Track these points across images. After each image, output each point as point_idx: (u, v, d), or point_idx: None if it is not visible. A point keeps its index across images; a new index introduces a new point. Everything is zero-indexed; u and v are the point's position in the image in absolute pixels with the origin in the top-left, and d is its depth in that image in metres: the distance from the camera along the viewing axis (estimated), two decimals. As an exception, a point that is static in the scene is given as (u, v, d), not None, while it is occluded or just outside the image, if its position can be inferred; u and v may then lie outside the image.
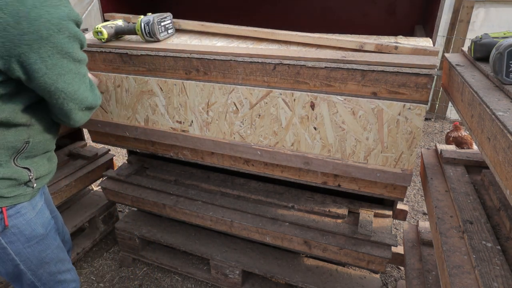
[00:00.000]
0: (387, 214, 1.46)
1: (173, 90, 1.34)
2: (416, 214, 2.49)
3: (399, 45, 1.13)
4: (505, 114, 0.72)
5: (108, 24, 1.38)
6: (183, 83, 1.31)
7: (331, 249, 1.39)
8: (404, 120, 1.08)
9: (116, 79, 1.42)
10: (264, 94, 1.20)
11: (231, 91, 1.25)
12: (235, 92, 1.24)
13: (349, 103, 1.12)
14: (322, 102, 1.14)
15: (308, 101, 1.16)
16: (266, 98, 1.21)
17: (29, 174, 1.02)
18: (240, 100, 1.25)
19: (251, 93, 1.22)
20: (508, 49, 0.79)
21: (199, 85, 1.29)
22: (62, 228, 1.39)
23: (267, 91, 1.20)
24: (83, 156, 2.00)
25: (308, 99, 1.15)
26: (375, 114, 1.10)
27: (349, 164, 1.19)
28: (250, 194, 1.61)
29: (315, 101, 1.15)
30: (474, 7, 3.51)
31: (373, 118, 1.11)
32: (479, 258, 0.84)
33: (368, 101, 1.10)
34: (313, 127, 1.19)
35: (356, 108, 1.12)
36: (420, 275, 1.29)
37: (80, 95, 0.96)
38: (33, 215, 1.06)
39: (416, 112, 1.06)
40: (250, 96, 1.23)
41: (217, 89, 1.27)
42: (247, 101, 1.24)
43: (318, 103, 1.15)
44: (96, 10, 4.88)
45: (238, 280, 1.68)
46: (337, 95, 1.12)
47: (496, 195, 1.05)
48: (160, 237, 1.81)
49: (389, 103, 1.08)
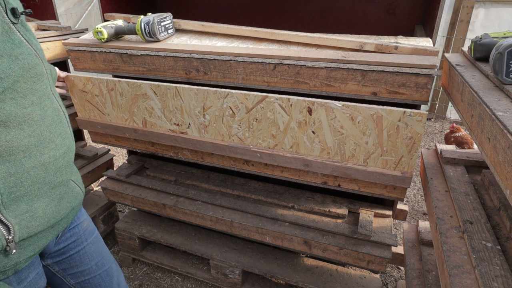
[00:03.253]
0: (387, 214, 1.46)
1: (167, 94, 1.31)
2: (416, 214, 2.49)
3: (399, 45, 1.13)
4: (505, 114, 0.72)
5: (108, 24, 1.38)
6: (177, 87, 1.28)
7: (331, 249, 1.39)
8: (404, 126, 1.07)
9: (108, 83, 1.39)
10: (260, 99, 1.18)
11: (226, 95, 1.22)
12: (230, 97, 1.22)
13: (347, 109, 1.10)
14: (319, 108, 1.13)
15: (305, 106, 1.14)
16: (262, 103, 1.19)
17: (7, 235, 0.68)
18: (236, 105, 1.23)
19: (247, 98, 1.20)
20: (508, 49, 0.79)
21: (193, 90, 1.26)
22: (118, 283, 1.04)
23: (262, 96, 1.17)
24: (83, 156, 2.00)
25: (305, 104, 1.13)
26: (374, 120, 1.09)
27: (348, 167, 1.19)
28: (250, 194, 1.61)
29: (313, 106, 1.14)
30: (474, 7, 3.51)
31: (372, 124, 1.10)
32: (479, 258, 0.84)
33: (367, 108, 1.08)
34: (312, 131, 1.18)
35: (354, 114, 1.10)
36: (420, 275, 1.29)
37: None
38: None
39: (417, 119, 1.05)
40: (246, 100, 1.21)
41: (211, 94, 1.24)
42: (243, 105, 1.22)
43: (316, 108, 1.13)
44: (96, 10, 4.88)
45: (238, 280, 1.68)
46: (335, 101, 1.11)
47: (496, 195, 1.05)
48: (160, 237, 1.81)
49: (389, 110, 1.06)
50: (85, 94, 1.47)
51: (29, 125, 0.72)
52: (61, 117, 0.84)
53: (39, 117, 0.75)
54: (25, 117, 0.72)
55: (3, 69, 0.67)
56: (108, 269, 1.00)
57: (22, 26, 0.76)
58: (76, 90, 1.47)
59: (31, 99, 0.73)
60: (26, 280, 0.79)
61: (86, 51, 1.43)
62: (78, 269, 0.94)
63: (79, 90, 1.46)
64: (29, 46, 0.76)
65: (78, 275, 0.94)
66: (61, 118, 0.83)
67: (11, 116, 0.69)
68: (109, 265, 1.00)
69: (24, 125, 0.71)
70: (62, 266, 0.92)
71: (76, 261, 0.93)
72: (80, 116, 1.57)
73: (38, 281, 0.83)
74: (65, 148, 0.81)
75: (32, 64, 0.75)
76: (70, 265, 0.92)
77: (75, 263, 0.93)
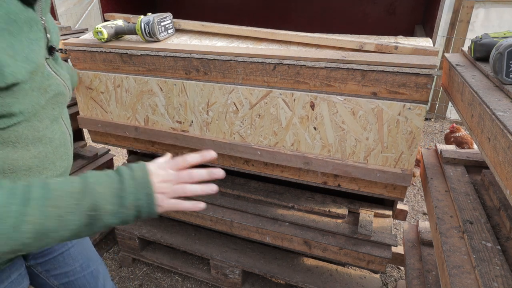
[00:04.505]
0: (387, 214, 1.46)
1: (173, 90, 1.34)
2: (416, 214, 2.49)
3: (399, 45, 1.13)
4: (505, 114, 0.72)
5: (108, 24, 1.38)
6: (183, 83, 1.31)
7: (331, 249, 1.39)
8: (404, 120, 1.08)
9: (116, 79, 1.42)
10: (264, 94, 1.20)
11: (231, 91, 1.25)
12: (235, 92, 1.24)
13: (349, 103, 1.12)
14: (322, 102, 1.14)
15: (308, 101, 1.16)
16: (266, 98, 1.21)
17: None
18: (240, 100, 1.25)
19: (251, 93, 1.22)
20: (508, 49, 0.78)
21: (199, 85, 1.29)
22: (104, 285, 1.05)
23: (267, 91, 1.20)
24: (83, 156, 2.00)
25: (308, 99, 1.15)
26: (375, 114, 1.10)
27: (349, 164, 1.19)
28: (250, 194, 1.61)
29: (315, 101, 1.15)
30: (474, 7, 3.51)
31: (373, 118, 1.11)
32: (479, 258, 0.84)
33: (368, 101, 1.09)
34: (313, 127, 1.19)
35: (356, 108, 1.12)
36: (420, 275, 1.29)
37: None
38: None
39: (416, 112, 1.06)
40: (250, 96, 1.23)
41: (217, 89, 1.27)
42: (247, 101, 1.24)
43: (318, 103, 1.15)
44: (96, 10, 4.88)
45: (238, 280, 1.68)
46: (337, 95, 1.12)
47: (496, 195, 1.05)
48: (160, 237, 1.81)
49: (389, 103, 1.08)
50: (90, 91, 1.49)
51: (36, 147, 0.73)
52: (66, 140, 0.84)
53: (47, 140, 0.76)
54: (34, 140, 0.72)
55: (32, 103, 0.68)
56: (94, 271, 1.00)
57: (53, 59, 0.79)
58: (82, 87, 1.49)
59: (46, 124, 0.75)
60: (8, 280, 0.78)
61: (86, 51, 1.43)
62: (61, 270, 0.93)
63: (85, 87, 1.48)
64: (57, 77, 0.78)
65: (61, 276, 0.94)
66: (66, 141, 0.84)
67: (22, 137, 0.69)
68: (94, 266, 1.00)
69: (31, 146, 0.72)
70: (45, 267, 0.92)
71: (60, 263, 0.93)
72: (82, 114, 1.58)
73: (21, 281, 0.83)
74: (62, 170, 0.82)
75: (58, 92, 0.77)
76: (53, 266, 0.92)
77: (58, 264, 0.93)
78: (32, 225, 0.52)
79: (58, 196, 0.55)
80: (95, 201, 0.57)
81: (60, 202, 0.55)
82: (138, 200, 0.60)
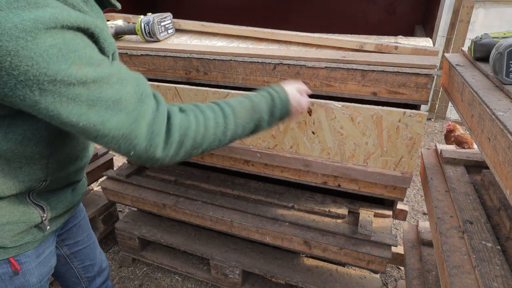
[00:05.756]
0: (387, 214, 1.46)
1: (167, 94, 1.32)
2: (416, 214, 2.49)
3: (399, 45, 1.13)
4: (505, 114, 0.72)
5: (108, 24, 1.38)
6: (176, 88, 1.29)
7: (331, 249, 1.39)
8: (404, 127, 1.07)
9: None
10: None
11: (225, 96, 1.23)
12: (230, 97, 1.23)
13: (347, 110, 1.10)
14: (319, 108, 1.13)
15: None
16: None
17: (42, 214, 0.82)
18: None
19: None
20: (508, 49, 0.79)
21: (193, 90, 1.27)
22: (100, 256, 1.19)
23: None
24: (83, 156, 2.00)
25: None
26: (374, 120, 1.09)
27: (348, 167, 1.19)
28: (250, 194, 1.61)
29: (312, 107, 1.14)
30: (474, 7, 3.51)
31: (372, 125, 1.10)
32: (479, 258, 0.84)
33: (367, 108, 1.08)
34: (311, 131, 1.18)
35: (354, 115, 1.11)
36: (420, 275, 1.29)
37: (110, 130, 0.63)
38: (33, 265, 0.86)
39: (417, 120, 1.05)
40: None
41: (211, 94, 1.25)
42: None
43: (315, 109, 1.14)
44: (96, 10, 4.87)
45: (238, 280, 1.68)
46: (335, 102, 1.11)
47: (496, 195, 1.05)
48: (160, 237, 1.81)
49: (389, 111, 1.06)
50: None
51: (76, 138, 0.85)
52: None
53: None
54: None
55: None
56: (95, 241, 1.17)
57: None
58: None
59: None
60: (42, 256, 0.89)
61: (86, 51, 1.43)
62: (74, 240, 1.07)
63: None
64: None
65: (73, 246, 1.07)
66: None
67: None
68: (94, 238, 1.17)
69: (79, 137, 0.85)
70: (61, 237, 1.03)
71: (73, 233, 1.06)
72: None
73: (50, 259, 0.93)
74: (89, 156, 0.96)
75: None
76: (68, 236, 1.05)
77: (72, 235, 1.06)
78: (230, 132, 0.81)
79: (240, 113, 0.82)
80: (260, 114, 0.86)
81: (242, 116, 0.83)
82: (282, 113, 0.91)
